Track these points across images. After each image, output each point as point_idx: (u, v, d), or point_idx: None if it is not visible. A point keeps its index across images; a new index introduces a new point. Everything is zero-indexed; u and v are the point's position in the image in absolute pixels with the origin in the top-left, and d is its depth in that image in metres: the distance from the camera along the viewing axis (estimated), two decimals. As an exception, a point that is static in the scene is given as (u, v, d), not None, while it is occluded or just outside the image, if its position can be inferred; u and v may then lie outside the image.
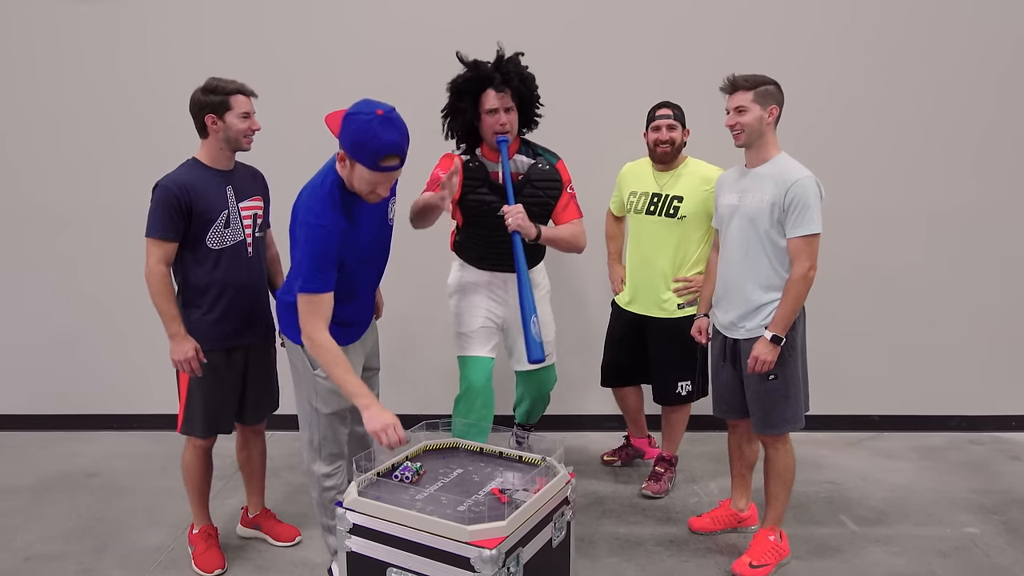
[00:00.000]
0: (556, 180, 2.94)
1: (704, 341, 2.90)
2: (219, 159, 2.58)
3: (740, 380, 2.72)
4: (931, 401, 4.15)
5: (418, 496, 2.12)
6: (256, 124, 2.59)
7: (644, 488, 3.35)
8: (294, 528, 2.97)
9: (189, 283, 2.57)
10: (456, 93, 2.87)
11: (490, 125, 2.83)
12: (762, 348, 2.55)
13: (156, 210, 2.46)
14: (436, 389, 3.97)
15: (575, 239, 2.95)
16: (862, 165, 3.98)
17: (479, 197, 2.90)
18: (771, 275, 2.59)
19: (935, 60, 3.89)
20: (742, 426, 2.87)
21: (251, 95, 2.59)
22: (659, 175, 3.20)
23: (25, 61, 3.93)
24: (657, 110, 3.16)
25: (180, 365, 2.52)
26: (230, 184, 2.60)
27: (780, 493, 2.73)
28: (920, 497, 3.34)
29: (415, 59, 3.78)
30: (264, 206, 2.75)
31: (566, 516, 2.25)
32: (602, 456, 3.71)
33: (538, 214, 2.89)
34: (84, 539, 2.98)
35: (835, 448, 3.92)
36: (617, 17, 3.87)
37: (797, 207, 2.49)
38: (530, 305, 2.72)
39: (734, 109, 2.58)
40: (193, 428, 2.64)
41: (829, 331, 4.02)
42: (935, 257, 4.06)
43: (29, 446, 3.95)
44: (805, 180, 2.50)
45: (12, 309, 4.13)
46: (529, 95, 2.88)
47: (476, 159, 2.94)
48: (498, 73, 2.79)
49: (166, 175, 2.51)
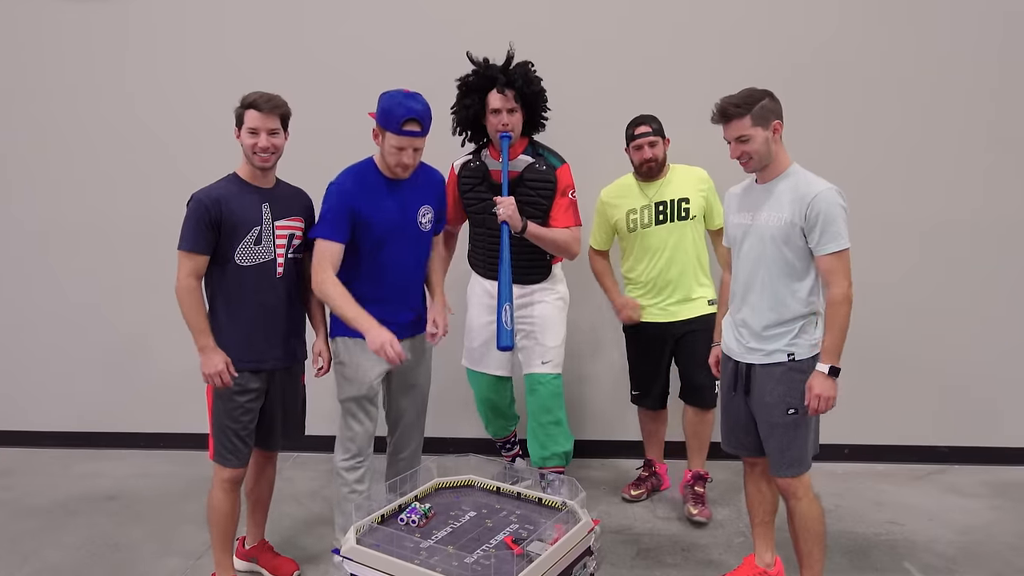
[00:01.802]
0: (550, 182, 2.98)
1: (717, 373, 2.66)
2: (253, 174, 2.52)
3: (751, 412, 2.45)
4: (1006, 431, 3.80)
5: (422, 545, 1.93)
6: (263, 142, 2.43)
7: (696, 515, 3.17)
8: (293, 562, 2.82)
9: (214, 299, 2.51)
10: (464, 90, 3.00)
11: (493, 124, 2.94)
12: (821, 385, 2.27)
13: (188, 222, 2.43)
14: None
15: (565, 244, 3.00)
16: (921, 177, 3.68)
17: (477, 195, 3.03)
18: (788, 298, 2.34)
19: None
20: (760, 465, 2.56)
21: (267, 112, 2.44)
22: (647, 186, 3.21)
23: (57, 72, 3.92)
24: (635, 128, 3.15)
25: (211, 379, 2.44)
26: (267, 201, 2.52)
27: (813, 550, 2.42)
28: (996, 542, 3.01)
29: (442, 64, 3.62)
30: (306, 228, 2.63)
31: (589, 568, 2.03)
32: (627, 492, 3.42)
33: (532, 214, 2.95)
34: (96, 567, 2.88)
35: (898, 482, 3.59)
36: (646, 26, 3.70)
37: (821, 223, 2.24)
38: (506, 293, 2.81)
39: (735, 140, 2.32)
40: (218, 454, 2.53)
41: (887, 353, 3.77)
42: (1015, 274, 3.72)
43: (54, 464, 3.91)
44: (826, 193, 2.26)
45: (43, 325, 4.10)
46: (534, 98, 2.96)
47: (479, 159, 3.05)
48: (503, 75, 2.89)
49: (202, 188, 2.47)
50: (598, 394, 3.91)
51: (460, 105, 3.01)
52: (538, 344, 3.06)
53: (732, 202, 2.53)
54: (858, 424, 3.78)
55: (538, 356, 3.05)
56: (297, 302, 2.64)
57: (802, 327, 2.34)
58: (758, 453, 2.48)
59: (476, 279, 3.20)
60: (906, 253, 3.74)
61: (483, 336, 3.12)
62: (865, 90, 3.67)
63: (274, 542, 2.90)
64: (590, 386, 3.90)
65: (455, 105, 3.03)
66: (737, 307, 2.46)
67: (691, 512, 3.18)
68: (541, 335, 3.06)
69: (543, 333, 3.06)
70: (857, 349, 3.64)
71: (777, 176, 2.36)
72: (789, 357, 2.33)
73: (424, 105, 2.51)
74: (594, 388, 3.90)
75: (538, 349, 3.06)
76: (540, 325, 3.06)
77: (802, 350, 2.34)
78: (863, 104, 3.68)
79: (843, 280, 2.26)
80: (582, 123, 3.54)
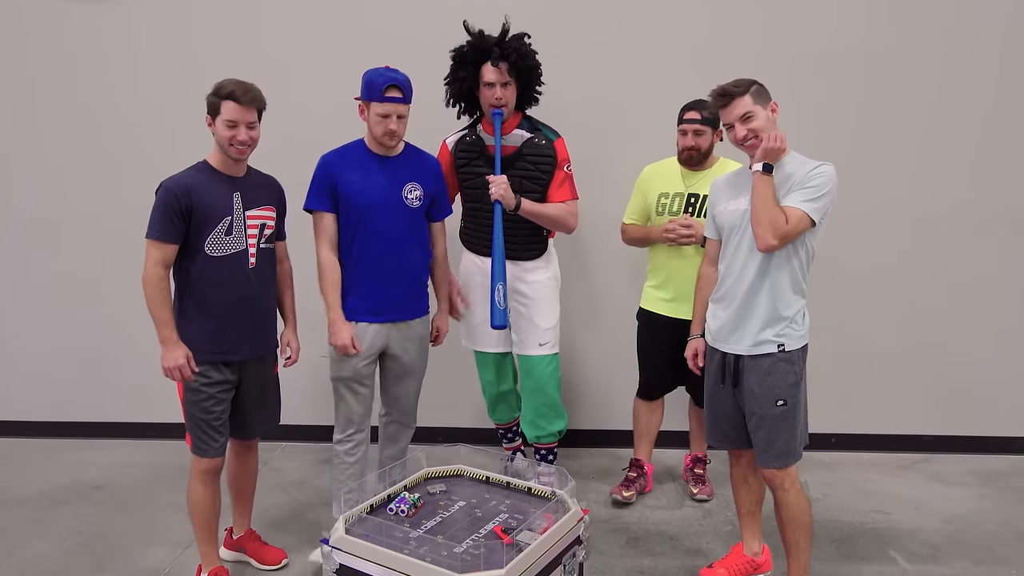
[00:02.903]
0: (550, 156, 2.93)
1: (701, 363, 2.59)
2: (225, 163, 2.47)
3: (740, 405, 2.44)
4: (992, 420, 3.82)
5: (412, 535, 1.93)
6: (242, 135, 2.39)
7: (697, 494, 3.25)
8: (280, 551, 2.80)
9: (185, 290, 2.47)
10: (457, 61, 2.93)
11: (487, 98, 2.88)
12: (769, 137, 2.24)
13: (156, 210, 2.38)
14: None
15: (561, 219, 2.97)
16: (913, 166, 3.69)
17: (473, 169, 2.98)
18: (799, 280, 2.33)
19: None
20: (746, 456, 2.55)
21: (246, 104, 2.39)
22: (688, 175, 3.06)
23: (42, 64, 3.86)
24: (685, 112, 3.02)
25: (170, 372, 2.41)
26: (238, 191, 2.48)
27: (799, 540, 2.41)
28: (980, 530, 3.04)
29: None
30: (278, 217, 2.62)
31: (578, 558, 2.03)
32: (617, 494, 3.28)
33: (530, 188, 2.93)
34: (82, 558, 2.86)
35: (884, 471, 3.61)
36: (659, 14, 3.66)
37: (817, 185, 2.22)
38: (499, 272, 2.81)
39: (739, 119, 2.29)
40: (194, 445, 2.52)
41: (871, 342, 3.79)
42: (1002, 261, 3.74)
43: (40, 454, 3.88)
44: (827, 167, 2.26)
45: (29, 315, 4.06)
46: (529, 72, 2.89)
47: (474, 132, 3.00)
48: (497, 47, 2.83)
49: (171, 176, 2.42)
50: (589, 380, 3.90)
51: (454, 77, 2.95)
52: (532, 325, 3.03)
53: (721, 191, 2.49)
54: (845, 413, 3.81)
55: (534, 338, 3.02)
56: (269, 292, 2.62)
57: (792, 317, 2.33)
58: (745, 445, 2.47)
59: (469, 257, 3.13)
60: (895, 243, 3.74)
61: (479, 315, 3.08)
62: (867, 81, 3.64)
63: (261, 531, 2.89)
64: (581, 372, 3.89)
65: (448, 76, 2.97)
66: (731, 299, 2.39)
67: (692, 492, 3.22)
68: (536, 316, 3.02)
69: (538, 314, 3.02)
70: (843, 339, 3.72)
71: (778, 161, 2.31)
72: (779, 348, 2.31)
73: (404, 76, 2.59)
74: (585, 374, 3.89)
75: (533, 331, 3.02)
76: (534, 306, 3.03)
77: (792, 341, 2.32)
78: (864, 95, 3.65)
79: (789, 227, 2.20)
80: (573, 101, 3.52)
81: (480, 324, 3.09)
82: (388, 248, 2.69)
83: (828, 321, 2.42)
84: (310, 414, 3.70)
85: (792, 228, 2.21)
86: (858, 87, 3.65)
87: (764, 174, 2.24)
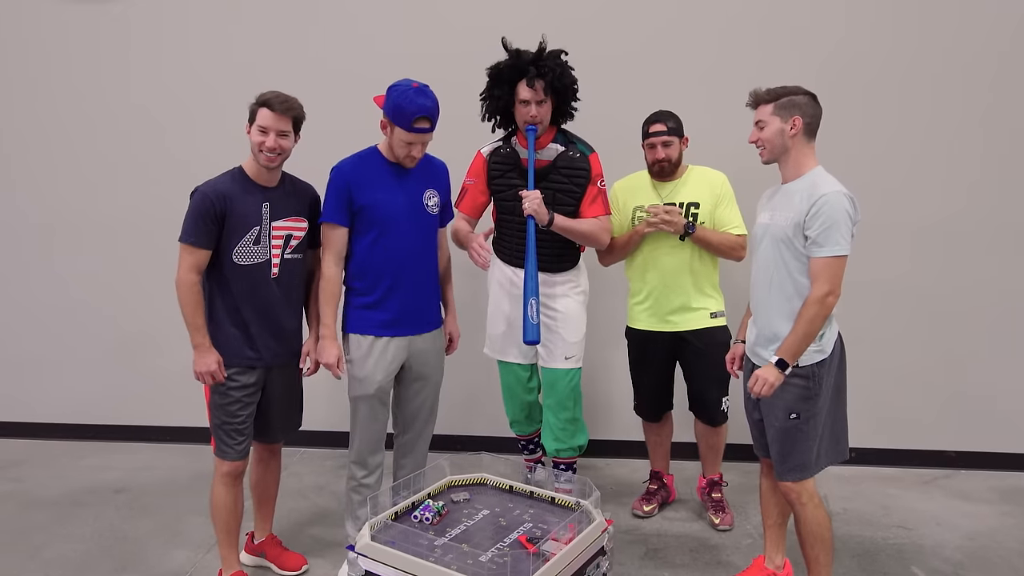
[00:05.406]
0: (584, 170, 2.94)
1: (738, 368, 2.61)
2: (258, 172, 2.50)
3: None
4: (1015, 436, 3.78)
5: (437, 542, 1.93)
6: (270, 141, 2.41)
7: (719, 524, 3.16)
8: (301, 556, 2.82)
9: (213, 294, 2.50)
10: (494, 79, 2.94)
11: (522, 115, 2.90)
12: (766, 371, 2.28)
13: (191, 215, 2.42)
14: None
15: (594, 235, 2.97)
16: (938, 180, 3.66)
17: (507, 181, 2.99)
18: (797, 303, 2.30)
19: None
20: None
21: (279, 112, 2.42)
22: (660, 186, 3.10)
23: (43, 66, 3.93)
24: (650, 125, 3.04)
25: (201, 377, 2.45)
26: (268, 201, 2.50)
27: (819, 555, 2.40)
28: (1003, 547, 3.01)
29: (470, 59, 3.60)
30: (308, 227, 2.62)
31: (602, 568, 2.04)
32: (637, 508, 3.29)
33: (563, 201, 2.93)
34: (103, 560, 2.89)
35: (905, 486, 3.59)
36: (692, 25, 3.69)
37: (820, 223, 2.20)
38: (532, 288, 2.78)
39: (755, 124, 2.37)
40: (218, 448, 2.55)
41: (896, 356, 3.77)
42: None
43: (63, 456, 3.92)
44: (832, 195, 2.21)
45: (52, 318, 4.11)
46: (565, 89, 2.90)
47: (509, 145, 3.01)
48: (534, 66, 2.83)
49: (207, 181, 2.45)
50: (610, 392, 3.87)
51: (490, 95, 2.95)
52: (560, 339, 3.01)
53: (762, 203, 2.52)
54: (866, 428, 3.77)
55: (560, 351, 3.01)
56: (294, 300, 2.64)
57: None
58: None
59: (499, 265, 3.09)
60: (919, 257, 3.72)
61: (504, 325, 3.07)
62: (865, 92, 3.65)
63: (281, 536, 2.91)
64: (602, 384, 3.87)
65: (484, 93, 2.97)
66: (754, 309, 2.46)
67: (713, 522, 3.16)
68: (564, 330, 3.01)
69: (565, 328, 3.01)
70: (866, 352, 3.68)
71: (797, 178, 2.34)
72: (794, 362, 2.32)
73: (434, 101, 2.51)
74: (606, 386, 3.87)
75: (560, 344, 3.01)
76: (562, 320, 3.01)
77: (805, 356, 2.31)
78: (863, 105, 3.65)
79: (824, 284, 2.21)
80: (602, 117, 3.44)
81: (503, 334, 3.09)
82: (411, 258, 2.67)
83: (850, 335, 2.41)
84: (329, 420, 3.71)
85: (832, 276, 2.22)
86: (857, 98, 3.64)
87: (778, 369, 2.27)
